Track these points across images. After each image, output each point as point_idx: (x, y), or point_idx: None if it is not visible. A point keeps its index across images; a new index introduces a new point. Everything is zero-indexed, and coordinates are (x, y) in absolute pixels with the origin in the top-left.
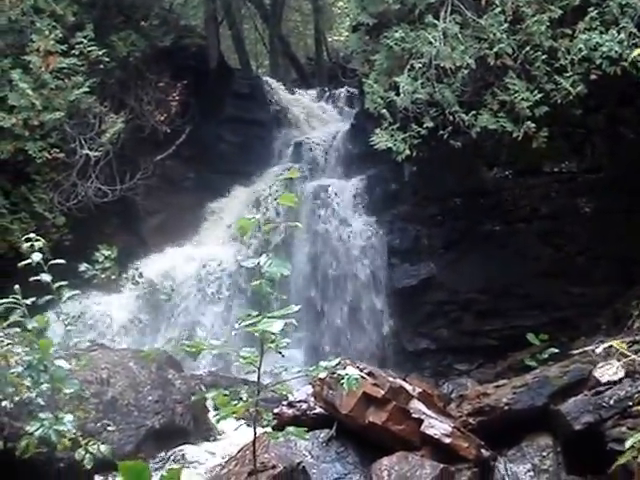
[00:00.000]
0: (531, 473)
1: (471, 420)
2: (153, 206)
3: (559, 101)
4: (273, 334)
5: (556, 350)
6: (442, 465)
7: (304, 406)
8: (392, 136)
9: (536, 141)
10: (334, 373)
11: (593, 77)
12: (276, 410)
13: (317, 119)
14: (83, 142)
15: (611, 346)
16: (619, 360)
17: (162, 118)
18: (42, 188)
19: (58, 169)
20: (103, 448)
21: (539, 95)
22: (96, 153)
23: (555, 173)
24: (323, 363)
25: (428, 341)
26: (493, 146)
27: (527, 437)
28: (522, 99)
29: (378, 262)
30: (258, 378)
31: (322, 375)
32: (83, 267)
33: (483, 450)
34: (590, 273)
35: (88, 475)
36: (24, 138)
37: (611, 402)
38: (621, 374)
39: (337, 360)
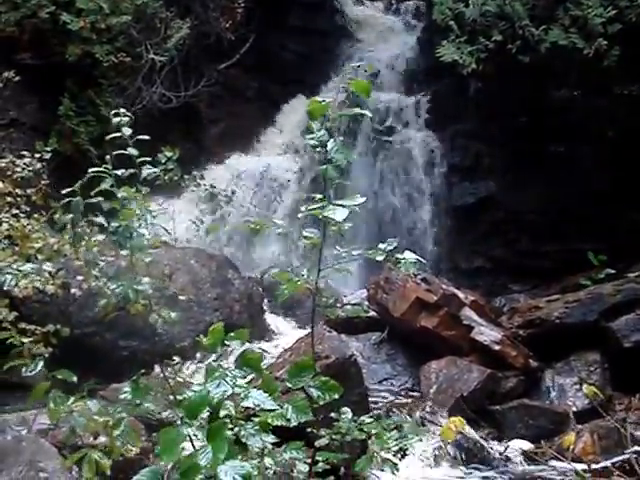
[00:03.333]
0: (577, 386)
1: (521, 332)
2: (216, 114)
3: (633, 19)
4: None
5: (612, 271)
6: (489, 370)
7: (359, 309)
8: (459, 49)
9: (607, 60)
10: (392, 257)
11: None
12: (338, 314)
13: (384, 32)
14: (149, 47)
15: None
16: None
17: (227, 25)
18: (108, 92)
19: (124, 73)
20: (174, 315)
21: (613, 12)
22: (161, 58)
23: (625, 95)
24: (381, 245)
25: (483, 260)
26: (562, 64)
27: (576, 351)
28: (595, 15)
29: (438, 179)
30: (319, 260)
31: (379, 258)
32: (148, 170)
33: (531, 360)
34: None
35: (148, 364)
36: (91, 41)
37: None
38: None
39: (395, 243)
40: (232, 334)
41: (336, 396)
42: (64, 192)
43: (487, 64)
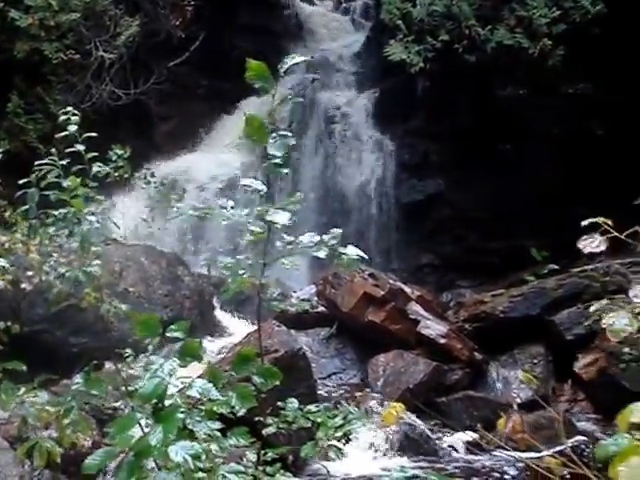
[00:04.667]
0: (521, 378)
1: (467, 326)
2: (166, 112)
3: (577, 19)
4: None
5: (556, 266)
6: (435, 363)
7: (307, 305)
8: (406, 48)
9: (552, 59)
10: (334, 251)
11: None
12: (283, 308)
13: (333, 30)
14: (98, 44)
15: (597, 224)
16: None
17: (176, 23)
18: (57, 89)
19: (73, 70)
20: (124, 307)
21: (557, 12)
22: (111, 55)
23: (570, 94)
24: (325, 237)
25: (432, 256)
26: (508, 63)
27: (520, 344)
28: (540, 15)
29: (387, 176)
30: (264, 255)
31: (322, 255)
32: (97, 167)
33: (476, 353)
34: (597, 198)
35: (99, 360)
36: (40, 38)
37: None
38: (603, 247)
39: (338, 233)
40: (173, 326)
41: (277, 382)
42: (20, 182)
43: (434, 63)
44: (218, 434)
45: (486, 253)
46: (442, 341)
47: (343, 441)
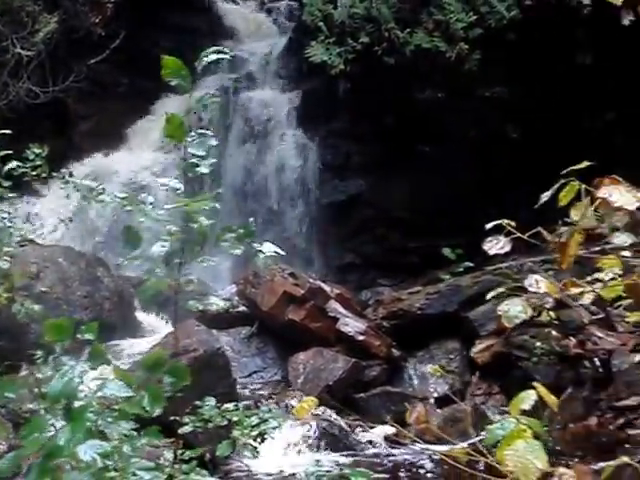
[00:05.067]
0: (438, 373)
1: (385, 323)
2: (85, 110)
3: (493, 24)
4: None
5: (471, 264)
6: (354, 360)
7: (227, 304)
8: (327, 50)
9: (468, 63)
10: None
11: (528, 2)
12: (200, 307)
13: (255, 31)
14: (15, 41)
15: (501, 226)
16: (507, 236)
17: (96, 20)
18: None
19: None
20: (37, 308)
21: (474, 17)
22: (29, 52)
23: (487, 97)
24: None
25: (353, 256)
26: (427, 66)
27: (436, 340)
28: (457, 20)
29: (310, 177)
30: (181, 255)
31: (237, 252)
32: (13, 164)
33: (394, 350)
34: (513, 198)
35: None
36: None
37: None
38: (507, 248)
39: (252, 226)
40: (83, 327)
41: (187, 382)
42: None
43: (355, 65)
44: (134, 434)
45: (406, 252)
46: (360, 338)
47: (259, 439)
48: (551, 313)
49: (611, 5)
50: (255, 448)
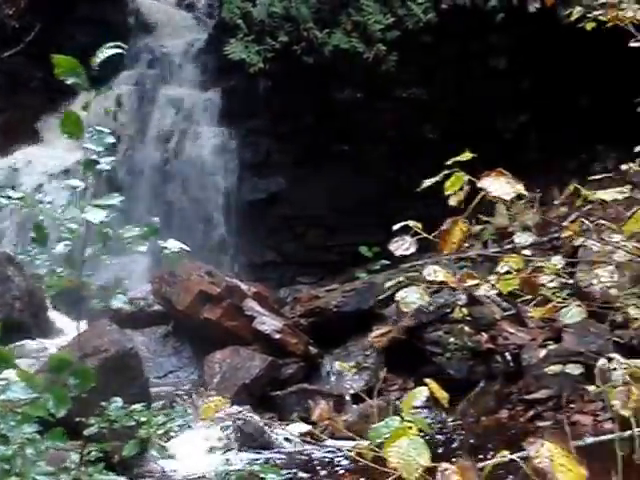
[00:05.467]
0: (354, 370)
1: (302, 321)
2: None
3: (410, 27)
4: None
5: (387, 262)
6: (270, 358)
7: (143, 303)
8: (246, 48)
9: (386, 64)
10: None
11: (444, 6)
12: (120, 307)
13: (176, 26)
14: None
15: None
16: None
17: (10, 12)
18: None
19: None
20: None
21: (392, 19)
22: None
23: (404, 98)
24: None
25: (274, 254)
26: (345, 66)
27: (353, 337)
28: (375, 21)
29: (229, 175)
30: (82, 253)
31: (142, 248)
32: None
33: (311, 347)
34: (428, 198)
35: None
36: None
37: (431, 308)
38: (413, 248)
39: (155, 225)
40: None
41: (93, 384)
42: None
43: (274, 64)
44: (37, 437)
45: (325, 250)
46: (277, 336)
47: (165, 439)
48: (464, 310)
49: (523, 11)
50: (162, 447)
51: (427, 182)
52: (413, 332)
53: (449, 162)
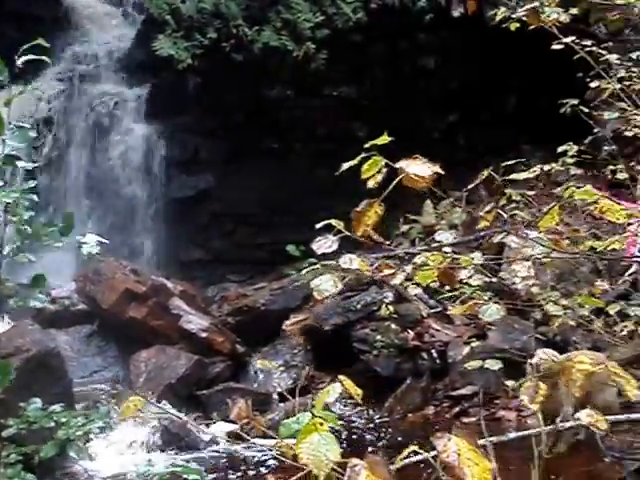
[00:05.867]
0: (282, 368)
1: (230, 319)
2: None
3: (340, 26)
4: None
5: (315, 260)
6: (196, 357)
7: (67, 302)
8: (175, 44)
9: (315, 62)
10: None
11: (373, 6)
12: (38, 305)
13: (104, 21)
14: None
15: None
16: (335, 235)
17: None
18: None
19: None
20: None
21: (321, 17)
22: None
23: (334, 97)
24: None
25: (202, 252)
26: (275, 64)
27: (281, 336)
28: (304, 20)
29: (157, 172)
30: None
31: (59, 244)
32: None
33: (238, 346)
34: (359, 195)
35: None
36: None
37: (358, 306)
38: (335, 246)
39: (70, 216)
40: None
41: (11, 377)
42: None
43: (203, 60)
44: None
45: (255, 248)
46: (204, 335)
47: (83, 440)
48: (390, 307)
49: (449, 12)
50: (82, 448)
51: (345, 165)
52: (341, 330)
53: (367, 145)
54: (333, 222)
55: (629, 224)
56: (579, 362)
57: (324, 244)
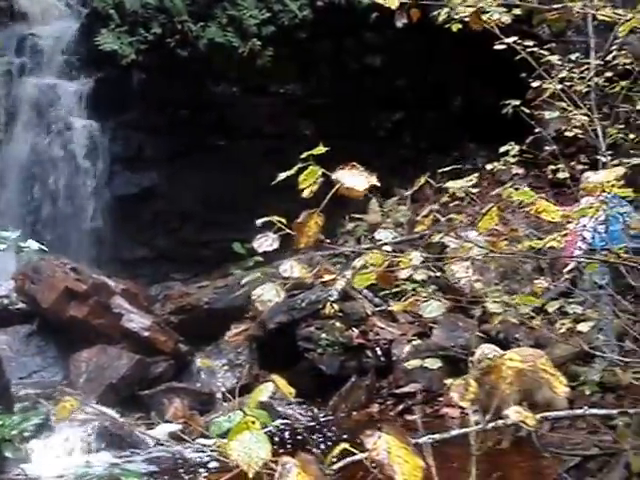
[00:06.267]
0: (226, 367)
1: (173, 318)
2: None
3: (286, 23)
4: None
5: (261, 259)
6: (138, 356)
7: (5, 301)
8: (119, 39)
9: (261, 59)
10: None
11: (320, 4)
12: None
13: (47, 14)
14: None
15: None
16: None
17: None
18: None
19: None
20: None
21: (267, 14)
22: None
23: (280, 94)
24: (4, 233)
25: (146, 250)
26: (221, 61)
27: (225, 335)
28: (250, 16)
29: (100, 169)
30: None
31: (1, 247)
32: None
33: (181, 345)
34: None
35: None
36: None
37: (303, 304)
38: (276, 245)
39: (17, 233)
40: None
41: None
42: None
43: (147, 56)
44: None
45: (200, 246)
46: (146, 334)
47: (18, 439)
48: (335, 305)
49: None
50: (18, 449)
51: (282, 175)
52: (285, 328)
53: (303, 155)
54: (274, 219)
55: (568, 222)
56: (510, 360)
57: (265, 242)
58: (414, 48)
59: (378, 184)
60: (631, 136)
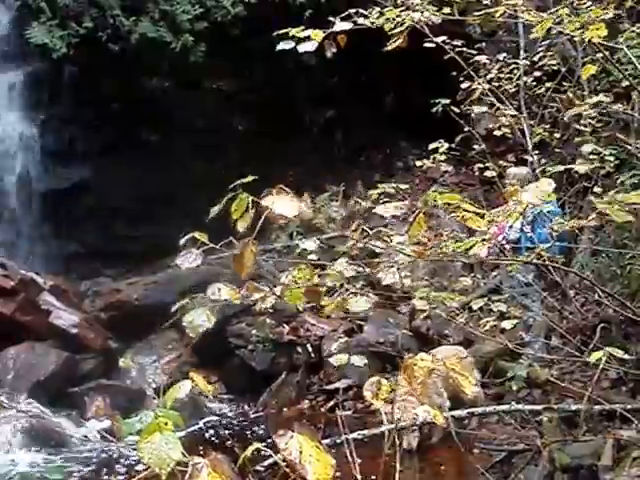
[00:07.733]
0: (156, 364)
1: (102, 315)
2: None
3: (219, 19)
4: None
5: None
6: (66, 354)
7: None
8: (50, 32)
9: (193, 55)
10: None
11: (253, 0)
12: None
13: None
14: None
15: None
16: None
17: None
18: None
19: None
20: None
21: (200, 10)
22: None
23: (213, 89)
24: None
25: (77, 245)
26: (153, 55)
27: (156, 331)
28: (183, 11)
29: (30, 163)
30: None
31: None
32: None
33: (110, 342)
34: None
35: None
36: None
37: (236, 301)
38: (199, 261)
39: None
40: None
41: None
42: None
43: (79, 50)
44: None
45: (133, 241)
46: (74, 331)
47: None
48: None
49: (332, 9)
50: None
51: (214, 210)
52: (217, 324)
53: (232, 185)
54: (196, 235)
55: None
56: (421, 359)
57: (188, 259)
58: (346, 46)
59: (308, 210)
60: (556, 135)
